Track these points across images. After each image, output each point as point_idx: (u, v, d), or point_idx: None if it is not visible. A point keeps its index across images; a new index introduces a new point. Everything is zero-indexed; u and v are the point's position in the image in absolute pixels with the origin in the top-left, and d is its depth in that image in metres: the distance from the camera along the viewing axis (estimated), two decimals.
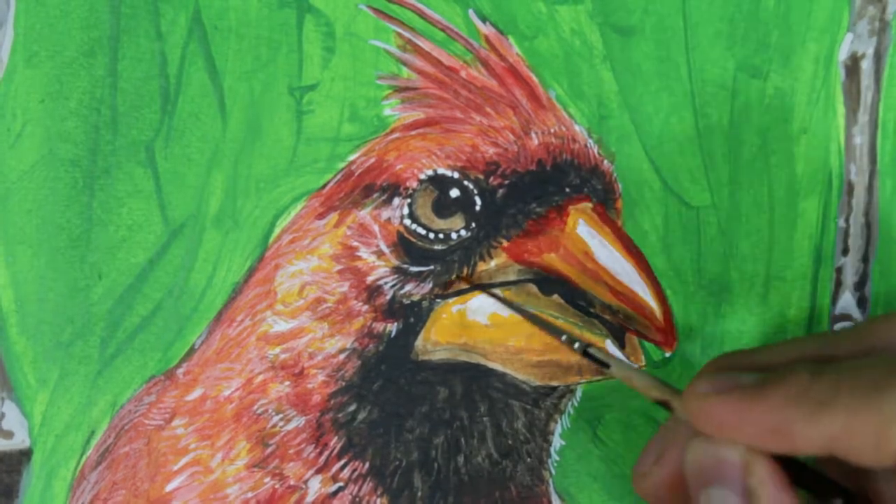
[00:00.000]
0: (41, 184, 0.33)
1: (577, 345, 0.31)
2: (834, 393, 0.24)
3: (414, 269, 0.33)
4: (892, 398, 0.23)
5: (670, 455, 0.28)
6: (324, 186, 0.34)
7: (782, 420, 0.24)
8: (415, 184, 0.33)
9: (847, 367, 0.24)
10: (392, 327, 0.33)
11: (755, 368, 0.26)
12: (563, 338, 0.32)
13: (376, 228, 0.33)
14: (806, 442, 0.24)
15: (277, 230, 0.34)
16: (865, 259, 0.35)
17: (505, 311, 0.33)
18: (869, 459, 0.23)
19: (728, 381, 0.26)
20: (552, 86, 0.34)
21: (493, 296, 0.33)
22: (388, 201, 0.33)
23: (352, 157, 0.34)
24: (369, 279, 0.33)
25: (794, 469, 0.26)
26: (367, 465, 0.33)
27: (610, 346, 0.33)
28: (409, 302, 0.33)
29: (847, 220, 0.35)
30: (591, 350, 0.31)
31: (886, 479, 0.25)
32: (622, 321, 0.33)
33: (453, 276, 0.33)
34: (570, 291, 0.33)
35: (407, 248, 0.33)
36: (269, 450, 0.33)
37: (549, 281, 0.33)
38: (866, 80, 0.35)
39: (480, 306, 0.33)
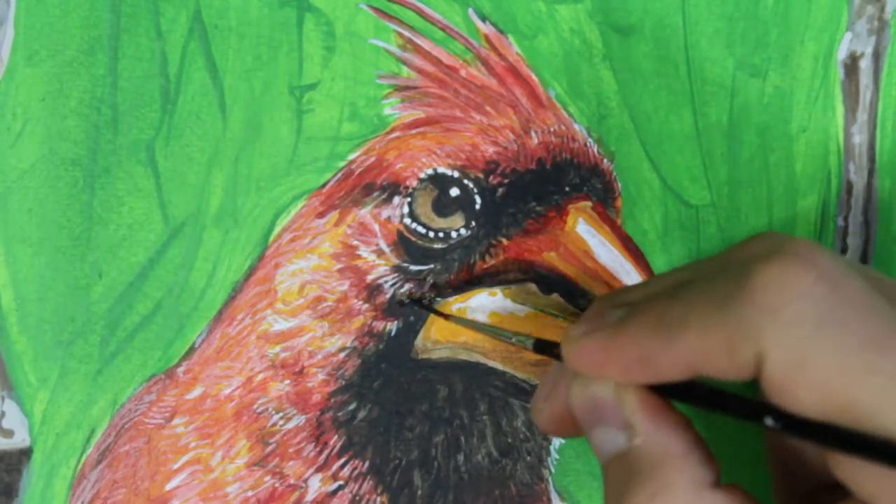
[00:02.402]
0: (41, 183, 0.33)
1: (529, 343, 0.31)
2: (686, 314, 0.24)
3: (414, 267, 0.33)
4: (736, 311, 0.23)
5: (557, 392, 0.28)
6: (324, 185, 0.34)
7: (643, 350, 0.24)
8: (415, 183, 0.33)
9: (698, 287, 0.24)
10: (392, 326, 0.33)
11: (620, 305, 0.26)
12: (513, 340, 0.31)
13: (376, 227, 0.33)
14: (669, 367, 0.24)
15: (277, 229, 0.34)
16: (864, 258, 0.35)
17: (504, 310, 0.33)
18: (729, 374, 0.23)
19: (596, 322, 0.26)
20: (552, 85, 0.34)
21: (437, 313, 0.32)
22: (389, 200, 0.33)
23: (352, 156, 0.34)
24: (369, 278, 0.33)
25: (713, 399, 0.25)
26: (367, 463, 0.33)
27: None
28: (409, 301, 0.33)
29: (846, 219, 0.35)
30: (540, 344, 0.30)
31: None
32: None
33: (453, 275, 0.33)
34: (570, 290, 0.33)
35: (407, 246, 0.33)
36: (269, 448, 0.33)
37: (548, 280, 0.33)
38: (865, 79, 0.35)
39: (480, 305, 0.33)
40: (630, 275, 0.32)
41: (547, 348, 0.29)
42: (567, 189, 0.33)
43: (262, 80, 0.34)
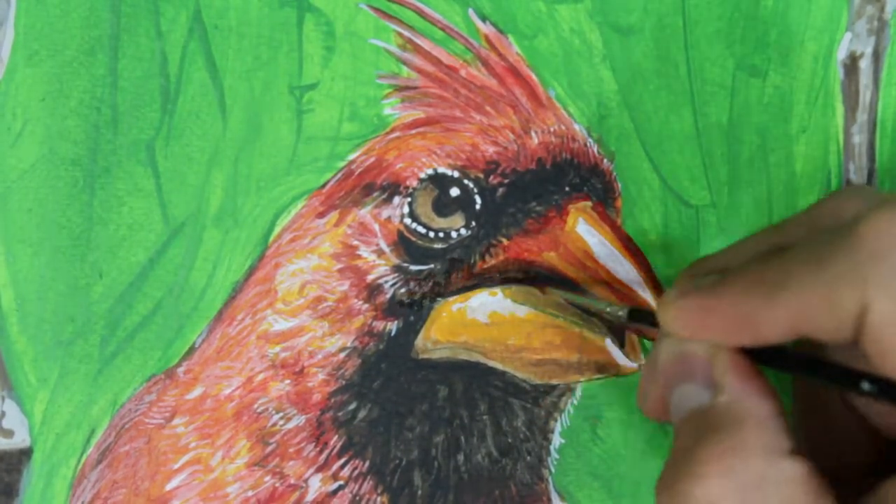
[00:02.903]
0: (41, 183, 0.33)
1: (623, 312, 0.30)
2: (786, 275, 0.24)
3: (414, 267, 0.33)
4: (841, 262, 0.23)
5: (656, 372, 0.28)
6: (324, 185, 0.34)
7: (742, 309, 0.25)
8: (415, 183, 0.33)
9: (795, 249, 0.25)
10: (392, 326, 0.33)
11: (718, 270, 0.27)
12: (608, 310, 0.31)
13: (376, 227, 0.33)
14: (769, 327, 0.24)
15: (278, 229, 0.34)
16: None
17: (505, 310, 0.33)
18: (829, 334, 0.23)
19: (691, 284, 0.26)
20: (552, 85, 0.34)
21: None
22: (389, 200, 0.33)
23: (352, 156, 0.34)
24: (369, 278, 0.33)
25: (807, 366, 0.26)
26: (367, 463, 0.33)
27: (609, 345, 0.33)
28: (409, 300, 0.33)
29: None
30: (634, 312, 0.30)
31: None
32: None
33: (453, 275, 0.33)
34: (570, 290, 0.33)
35: (407, 246, 0.33)
36: (270, 448, 0.33)
37: (548, 280, 0.33)
38: (865, 79, 0.35)
39: (480, 305, 0.33)
40: (630, 275, 0.32)
41: (642, 317, 0.29)
42: (567, 189, 0.33)
43: (262, 80, 0.34)
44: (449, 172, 0.33)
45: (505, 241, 0.33)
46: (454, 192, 0.33)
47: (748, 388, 0.25)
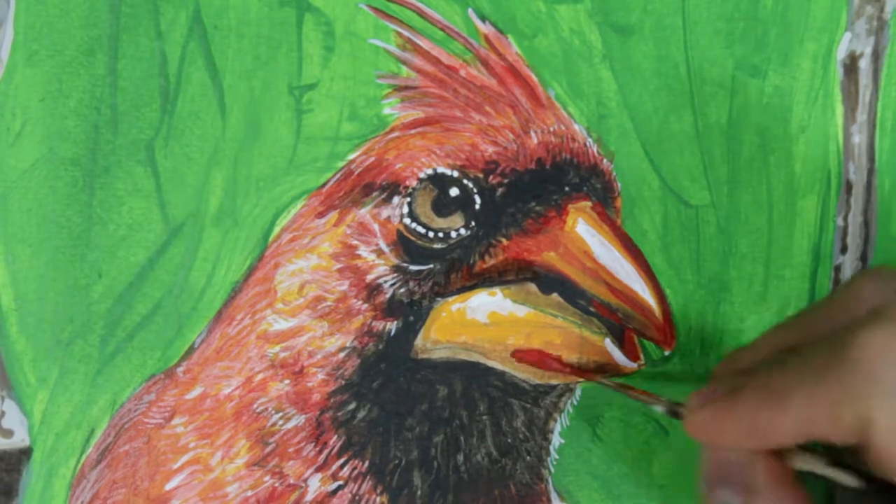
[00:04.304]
0: (41, 183, 0.33)
1: (661, 407, 0.31)
2: (791, 383, 0.25)
3: (413, 267, 0.33)
4: (839, 379, 0.24)
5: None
6: (323, 185, 0.34)
7: (754, 419, 0.26)
8: (414, 182, 0.33)
9: (801, 358, 0.26)
10: (392, 326, 0.33)
11: (737, 372, 0.28)
12: (650, 402, 0.31)
13: (376, 227, 0.33)
14: (782, 433, 0.25)
15: (277, 229, 0.34)
16: (864, 258, 0.35)
17: (504, 310, 0.33)
18: (836, 438, 0.24)
19: (709, 393, 0.28)
20: (551, 85, 0.34)
21: (601, 383, 0.33)
22: (388, 200, 0.33)
23: (351, 156, 0.34)
24: (369, 278, 0.33)
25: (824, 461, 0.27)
26: (366, 463, 0.33)
27: (609, 345, 0.33)
28: (408, 300, 0.33)
29: (845, 219, 0.35)
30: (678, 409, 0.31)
31: None
32: (621, 320, 0.33)
33: (453, 275, 0.33)
34: (570, 290, 0.33)
35: (406, 246, 0.33)
36: (269, 448, 0.33)
37: (548, 280, 0.33)
38: (864, 79, 0.35)
39: (480, 305, 0.33)
40: (630, 275, 0.32)
41: (679, 414, 0.30)
42: (567, 189, 0.33)
43: (261, 80, 0.34)
44: (448, 172, 0.33)
45: (504, 241, 0.33)
46: (454, 191, 0.33)
47: (782, 493, 0.26)
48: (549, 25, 0.34)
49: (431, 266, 0.33)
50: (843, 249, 0.35)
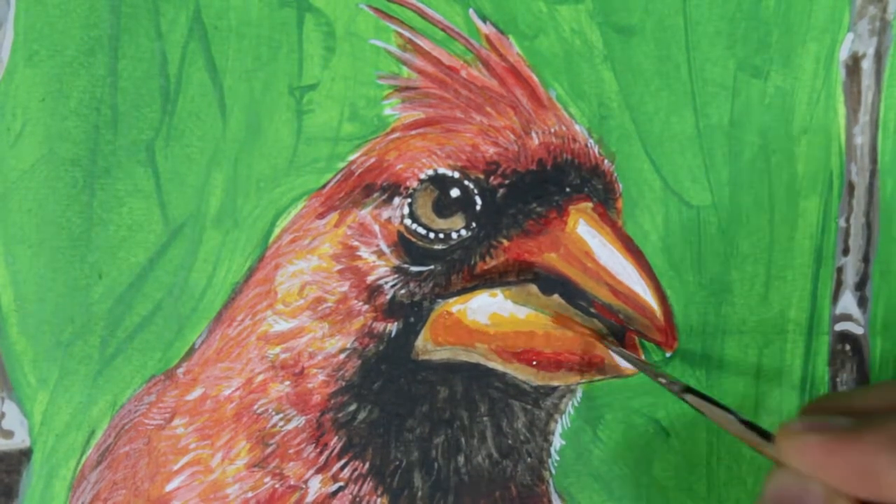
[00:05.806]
0: (41, 183, 0.33)
1: (734, 420, 0.30)
2: None
3: (414, 268, 0.33)
4: None
5: None
6: (324, 186, 0.34)
7: (871, 465, 0.25)
8: (415, 183, 0.33)
9: None
10: (392, 327, 0.33)
11: (850, 412, 0.27)
12: (724, 416, 0.30)
13: (376, 228, 0.33)
14: (892, 490, 0.24)
15: (277, 230, 0.34)
16: (866, 259, 0.35)
17: (505, 311, 0.33)
18: None
19: (823, 422, 0.26)
20: (553, 85, 0.34)
21: (620, 352, 0.32)
22: (389, 201, 0.33)
23: (352, 157, 0.34)
24: (369, 279, 0.33)
25: None
26: (367, 464, 0.33)
27: (610, 346, 0.33)
28: (409, 302, 0.33)
29: (848, 220, 0.35)
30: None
31: None
32: (623, 321, 0.33)
33: (454, 276, 0.33)
34: (571, 291, 0.33)
35: (407, 247, 0.33)
36: (270, 449, 0.33)
37: (549, 281, 0.33)
38: (867, 79, 0.35)
39: (481, 306, 0.33)
40: (631, 276, 0.32)
41: (756, 430, 0.29)
42: (568, 190, 0.33)
43: (261, 81, 0.34)
44: (449, 173, 0.33)
45: (505, 242, 0.33)
46: (454, 192, 0.33)
47: None
48: (551, 26, 0.34)
49: (432, 267, 0.33)
50: (846, 251, 0.35)
